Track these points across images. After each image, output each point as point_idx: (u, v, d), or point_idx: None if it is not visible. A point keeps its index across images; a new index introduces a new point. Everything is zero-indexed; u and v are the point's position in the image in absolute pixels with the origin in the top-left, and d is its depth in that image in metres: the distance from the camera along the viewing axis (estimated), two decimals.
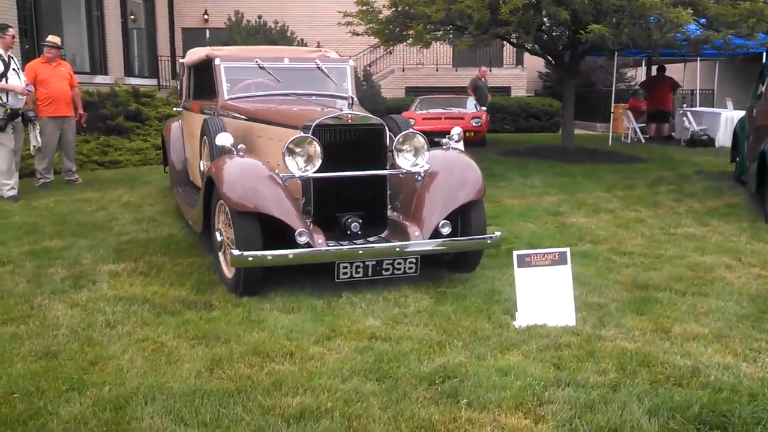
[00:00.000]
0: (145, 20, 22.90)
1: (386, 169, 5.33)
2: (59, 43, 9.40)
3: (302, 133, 5.03)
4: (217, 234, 5.16)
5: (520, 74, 25.33)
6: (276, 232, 4.88)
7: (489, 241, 5.19)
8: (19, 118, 8.58)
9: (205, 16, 25.19)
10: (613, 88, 17.00)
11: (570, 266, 4.46)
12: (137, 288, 5.08)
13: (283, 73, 6.88)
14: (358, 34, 13.90)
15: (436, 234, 5.12)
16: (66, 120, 9.56)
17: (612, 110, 17.22)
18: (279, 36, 17.21)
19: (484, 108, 17.04)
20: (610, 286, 5.16)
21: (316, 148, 5.00)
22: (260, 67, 6.75)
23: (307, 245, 4.79)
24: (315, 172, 5.06)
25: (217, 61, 6.74)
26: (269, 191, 4.89)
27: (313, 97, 6.67)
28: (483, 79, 18.47)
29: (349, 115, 5.15)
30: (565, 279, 4.43)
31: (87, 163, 11.44)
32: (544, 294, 4.39)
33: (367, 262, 4.87)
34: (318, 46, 17.56)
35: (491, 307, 4.64)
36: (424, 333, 4.19)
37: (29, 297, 4.86)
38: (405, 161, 5.28)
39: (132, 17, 23.71)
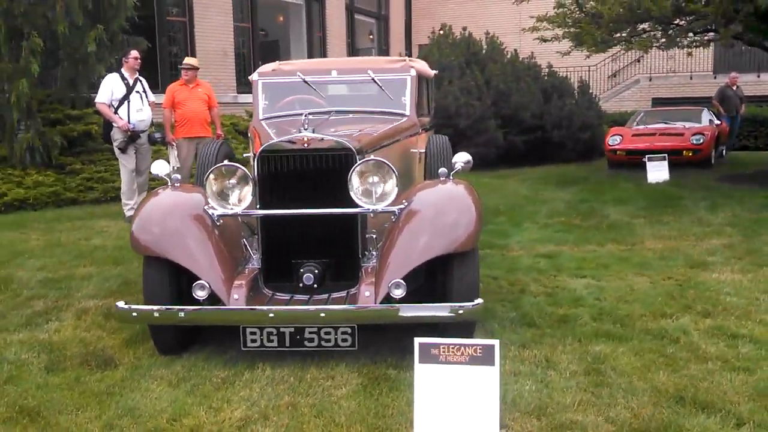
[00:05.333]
0: (378, 39, 23.22)
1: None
2: (196, 65, 9.44)
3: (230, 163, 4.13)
4: None
5: None
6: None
7: (452, 313, 3.71)
8: (144, 139, 8.72)
9: (440, 32, 24.88)
10: None
11: (498, 368, 2.96)
12: (78, 331, 4.55)
13: (330, 88, 5.97)
14: (546, 40, 12.32)
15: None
16: (201, 141, 9.56)
17: None
18: (490, 48, 16.03)
19: (723, 121, 14.26)
20: (638, 392, 3.44)
21: (246, 178, 4.07)
22: (304, 82, 5.90)
23: (213, 302, 3.86)
24: (260, 208, 4.13)
25: (254, 77, 6.04)
26: (183, 232, 4.02)
27: (351, 115, 5.66)
28: (734, 87, 15.60)
29: (306, 138, 4.09)
30: (489, 387, 2.94)
31: None
32: (456, 407, 2.95)
33: (282, 329, 3.77)
34: (531, 57, 16.29)
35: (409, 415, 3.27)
36: None
37: None
38: (361, 199, 4.06)
39: (371, 36, 24.31)
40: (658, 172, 11.08)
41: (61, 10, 9.94)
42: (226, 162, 4.29)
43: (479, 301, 3.76)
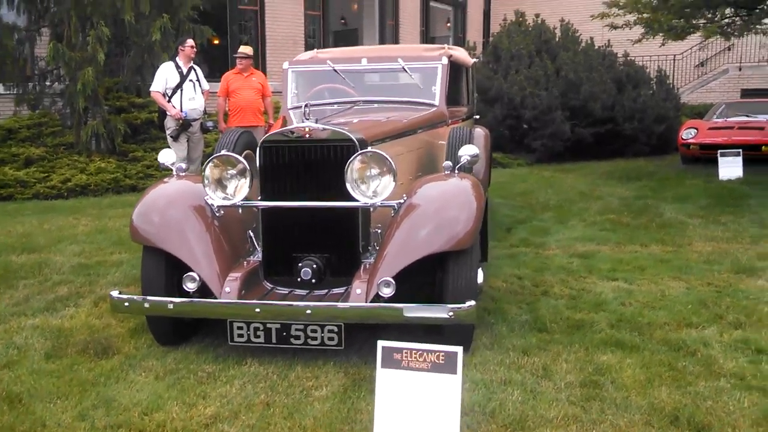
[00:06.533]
0: (454, 27, 22.90)
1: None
2: (250, 53, 9.51)
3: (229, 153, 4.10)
4: None
5: None
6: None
7: (442, 315, 3.55)
8: (196, 128, 8.86)
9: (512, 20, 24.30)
10: None
11: (460, 376, 2.79)
12: (90, 318, 4.63)
13: (360, 77, 5.87)
14: (616, 27, 11.76)
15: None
16: (254, 130, 9.64)
17: None
18: (563, 36, 15.47)
19: None
20: (631, 409, 3.20)
21: (245, 170, 4.03)
22: (334, 71, 5.82)
23: (204, 294, 3.84)
24: (261, 199, 4.10)
25: (285, 65, 6.01)
26: (181, 223, 4.01)
27: (376, 105, 5.56)
28: None
29: (307, 129, 4.02)
30: (451, 397, 2.78)
31: None
32: (417, 415, 2.81)
33: (269, 325, 3.71)
34: (607, 46, 15.61)
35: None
36: None
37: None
38: (357, 193, 3.93)
39: (448, 24, 24.00)
40: (730, 168, 10.42)
41: None
42: (224, 152, 4.26)
43: (471, 303, 3.58)
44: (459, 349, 2.82)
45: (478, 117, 7.61)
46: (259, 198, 4.15)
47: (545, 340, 4.12)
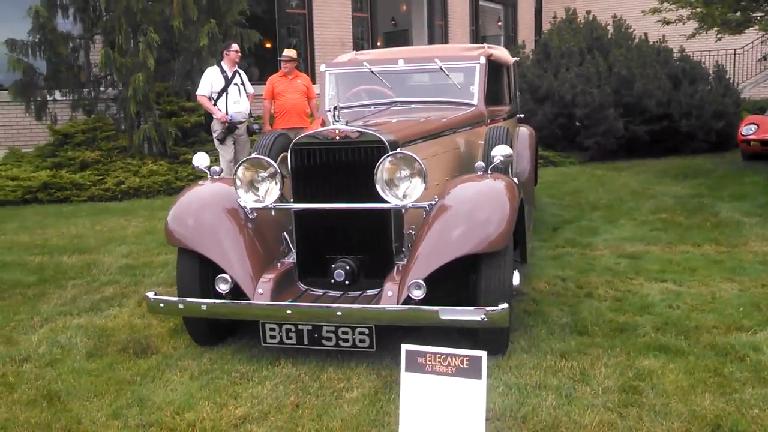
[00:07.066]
0: (505, 26, 22.66)
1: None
2: (294, 56, 9.57)
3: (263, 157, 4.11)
4: None
5: None
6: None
7: (476, 317, 3.48)
8: (242, 130, 8.96)
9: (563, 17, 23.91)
10: None
11: (485, 381, 2.72)
12: (133, 318, 4.72)
13: (398, 78, 5.82)
14: (669, 23, 11.41)
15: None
16: (299, 131, 9.69)
17: None
18: (616, 32, 15.11)
19: None
20: (671, 416, 3.07)
21: (275, 174, 4.04)
22: (371, 72, 5.80)
23: (239, 295, 3.86)
24: (294, 201, 4.10)
25: (322, 68, 6.01)
26: (214, 225, 4.04)
27: (413, 105, 5.51)
28: None
29: (337, 131, 4.00)
30: (475, 402, 2.71)
31: None
32: (441, 420, 2.75)
33: (300, 326, 3.70)
34: (662, 41, 15.17)
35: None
36: None
37: (42, 311, 4.90)
38: (387, 194, 3.88)
39: (499, 23, 23.77)
40: None
41: (178, 6, 10.42)
42: (254, 155, 4.27)
43: (504, 305, 3.50)
44: (483, 354, 2.75)
45: (522, 116, 7.46)
46: (292, 200, 4.15)
47: (585, 343, 4.00)
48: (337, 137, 3.99)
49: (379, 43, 17.87)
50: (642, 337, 4.06)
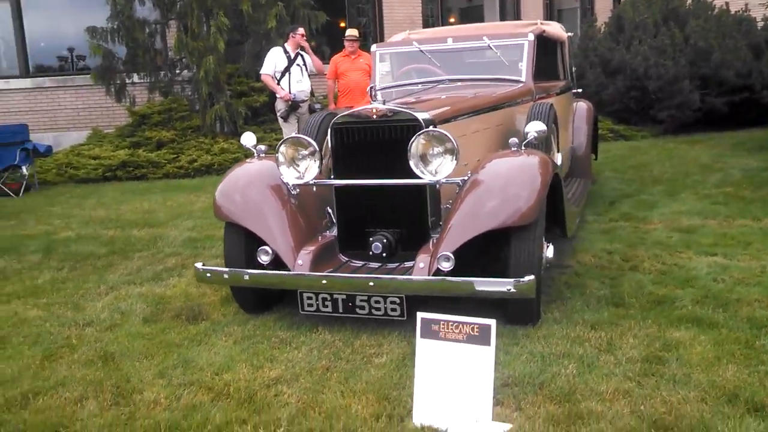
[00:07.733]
0: None
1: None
2: (357, 36, 9.72)
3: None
4: None
5: None
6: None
7: (503, 288, 3.58)
8: (305, 109, 9.22)
9: None
10: None
11: (493, 348, 2.82)
12: (189, 287, 5.01)
13: (447, 56, 5.90)
14: None
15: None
16: None
17: None
18: (694, 2, 14.55)
19: None
20: (689, 386, 3.10)
21: (315, 152, 4.22)
22: (421, 51, 5.90)
23: (277, 266, 4.07)
24: (333, 178, 4.28)
25: (373, 48, 6.14)
26: (259, 201, 4.26)
27: (460, 83, 5.59)
28: None
29: (375, 110, 4.14)
30: (484, 367, 2.83)
31: None
32: (453, 384, 2.88)
33: (335, 295, 3.89)
34: (745, 10, 14.50)
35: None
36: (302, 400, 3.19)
37: (109, 280, 5.27)
38: (420, 170, 3.99)
39: None
40: None
41: None
42: (294, 134, 4.46)
43: (531, 277, 3.58)
44: (492, 322, 2.85)
45: (580, 90, 7.38)
46: (332, 177, 4.32)
47: (619, 315, 4.03)
48: (374, 116, 4.13)
49: (452, 20, 17.76)
50: (678, 310, 4.05)
